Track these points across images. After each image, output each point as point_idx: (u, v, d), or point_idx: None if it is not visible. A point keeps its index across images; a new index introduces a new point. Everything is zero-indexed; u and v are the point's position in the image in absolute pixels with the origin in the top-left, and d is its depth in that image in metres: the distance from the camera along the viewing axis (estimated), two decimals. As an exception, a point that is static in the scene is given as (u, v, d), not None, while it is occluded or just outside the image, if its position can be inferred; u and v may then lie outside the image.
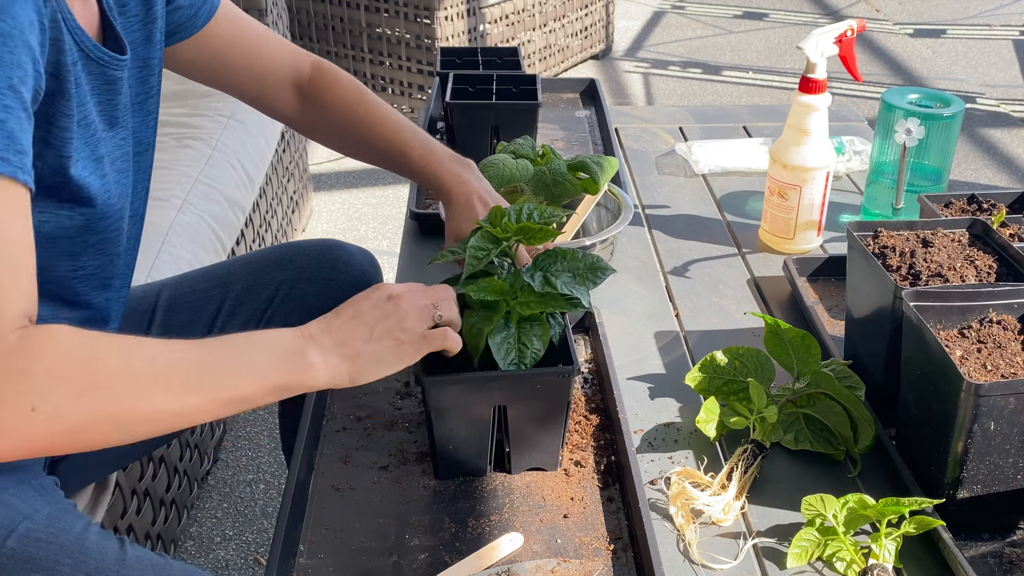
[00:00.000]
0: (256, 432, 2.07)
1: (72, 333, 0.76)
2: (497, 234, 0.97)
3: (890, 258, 1.04)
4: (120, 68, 0.93)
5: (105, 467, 1.21)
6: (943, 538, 0.87)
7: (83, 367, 0.75)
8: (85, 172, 0.88)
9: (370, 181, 3.18)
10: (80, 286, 0.98)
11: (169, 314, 1.18)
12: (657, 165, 1.70)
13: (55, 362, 0.73)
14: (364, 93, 1.22)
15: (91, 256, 0.96)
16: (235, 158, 2.07)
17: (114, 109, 0.94)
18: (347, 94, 1.21)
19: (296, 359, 0.84)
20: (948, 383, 0.85)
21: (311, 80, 1.21)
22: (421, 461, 1.00)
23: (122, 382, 0.76)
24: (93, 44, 0.88)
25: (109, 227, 0.96)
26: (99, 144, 0.92)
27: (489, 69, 1.81)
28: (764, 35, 4.61)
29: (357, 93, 1.21)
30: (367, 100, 1.21)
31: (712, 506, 0.93)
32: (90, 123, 0.89)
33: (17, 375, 0.71)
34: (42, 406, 0.72)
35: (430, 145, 1.19)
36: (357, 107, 1.20)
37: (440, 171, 1.16)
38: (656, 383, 1.14)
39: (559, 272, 0.96)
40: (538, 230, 0.96)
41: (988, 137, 3.48)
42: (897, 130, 1.35)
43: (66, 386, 0.73)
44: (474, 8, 3.34)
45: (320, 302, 1.22)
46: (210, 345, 0.83)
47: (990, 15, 4.87)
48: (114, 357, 0.77)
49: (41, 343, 0.73)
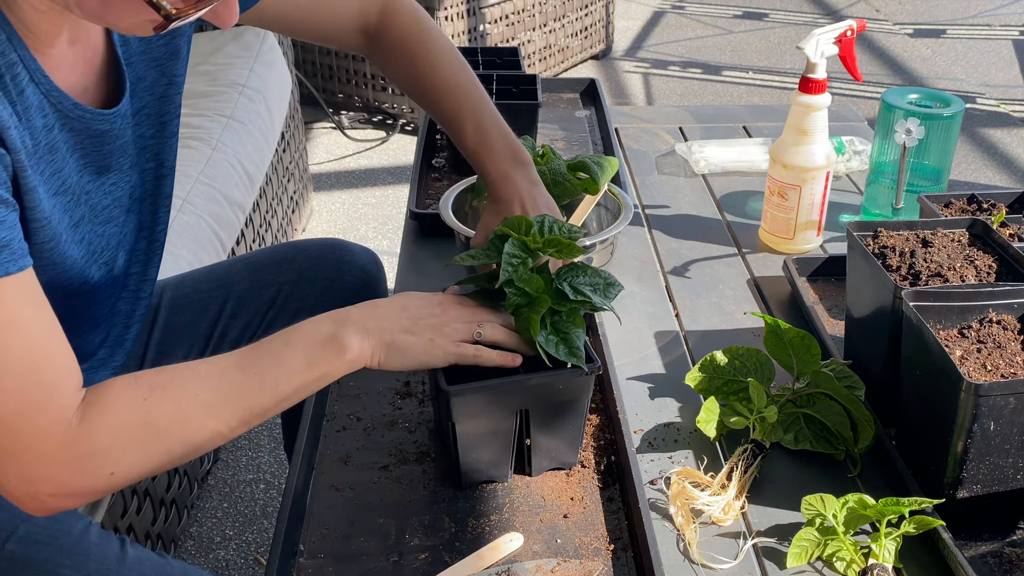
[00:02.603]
0: (256, 432, 2.07)
1: (122, 391, 0.80)
2: (529, 244, 0.98)
3: (890, 258, 1.04)
4: (106, 121, 0.89)
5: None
6: (943, 538, 0.87)
7: (142, 425, 0.80)
8: (62, 247, 0.87)
9: (370, 181, 3.18)
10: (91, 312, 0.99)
11: (171, 315, 1.18)
12: (657, 165, 1.70)
13: (117, 432, 0.79)
14: (427, 45, 1.16)
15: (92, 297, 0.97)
16: (235, 158, 2.07)
17: (105, 157, 0.92)
18: (406, 46, 1.16)
19: (331, 345, 0.87)
20: (948, 383, 0.85)
21: (377, 28, 1.17)
22: (421, 461, 1.00)
23: (179, 427, 0.81)
24: (72, 104, 0.84)
25: (95, 278, 0.95)
26: (79, 203, 0.89)
27: (489, 69, 1.81)
28: (764, 35, 4.61)
29: (417, 46, 1.16)
30: (428, 54, 1.15)
31: (712, 506, 0.93)
32: (68, 188, 0.87)
33: (90, 453, 0.78)
34: (118, 468, 0.79)
35: (485, 130, 1.14)
36: (416, 62, 1.16)
37: (487, 166, 1.13)
38: (656, 383, 1.14)
39: (583, 284, 0.97)
40: (567, 244, 0.98)
41: (988, 137, 3.48)
42: (897, 130, 1.35)
43: (133, 448, 0.80)
44: (474, 8, 3.34)
45: (323, 301, 1.22)
46: (247, 359, 0.85)
47: (990, 15, 4.87)
48: (166, 403, 0.81)
49: (101, 417, 0.78)
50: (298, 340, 0.87)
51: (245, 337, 1.21)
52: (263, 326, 1.21)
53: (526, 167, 1.14)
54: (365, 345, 0.88)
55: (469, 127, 1.14)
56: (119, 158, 0.94)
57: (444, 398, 0.89)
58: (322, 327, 0.88)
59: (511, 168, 1.12)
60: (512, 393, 0.92)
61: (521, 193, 1.12)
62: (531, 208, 1.11)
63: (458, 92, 1.14)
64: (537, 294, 0.95)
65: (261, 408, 0.84)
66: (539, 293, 0.95)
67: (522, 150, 1.15)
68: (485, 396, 0.91)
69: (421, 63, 1.16)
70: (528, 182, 1.13)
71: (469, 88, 1.15)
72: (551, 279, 0.97)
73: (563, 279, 0.97)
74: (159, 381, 0.82)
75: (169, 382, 0.82)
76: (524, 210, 1.11)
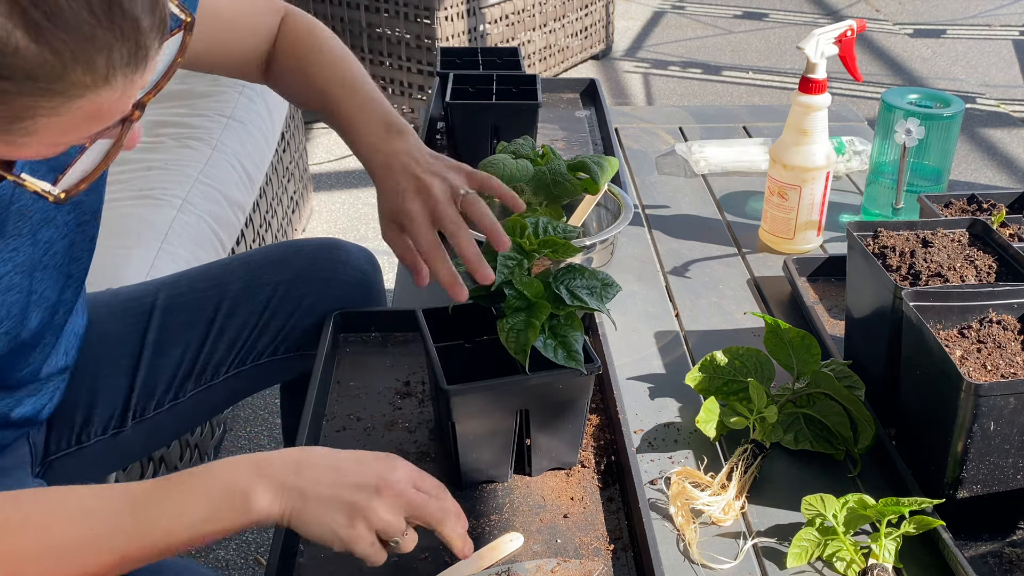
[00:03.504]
0: (256, 432, 2.07)
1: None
2: (524, 245, 0.97)
3: (890, 258, 1.04)
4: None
5: (103, 467, 1.21)
6: (943, 538, 0.87)
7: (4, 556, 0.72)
8: None
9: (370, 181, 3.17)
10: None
11: (167, 316, 1.18)
12: (657, 165, 1.70)
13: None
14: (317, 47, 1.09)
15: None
16: (235, 158, 2.07)
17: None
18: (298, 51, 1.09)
19: (236, 499, 0.76)
20: (948, 383, 0.85)
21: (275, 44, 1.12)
22: (421, 461, 1.00)
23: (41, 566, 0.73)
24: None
25: None
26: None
27: (489, 69, 1.81)
28: (764, 35, 4.61)
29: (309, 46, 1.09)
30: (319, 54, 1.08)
31: (712, 506, 0.93)
32: None
33: None
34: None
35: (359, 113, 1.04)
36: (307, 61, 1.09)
37: (356, 142, 1.04)
38: (656, 383, 1.14)
39: (579, 288, 0.96)
40: (563, 244, 0.96)
41: (988, 137, 3.47)
42: (897, 130, 1.35)
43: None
44: (474, 8, 3.34)
45: (319, 301, 1.22)
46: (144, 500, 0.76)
47: (990, 15, 4.87)
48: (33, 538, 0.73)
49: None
50: (204, 487, 0.77)
51: (242, 336, 1.21)
52: (259, 326, 1.21)
53: (404, 133, 1.03)
54: (275, 506, 0.76)
55: (345, 111, 1.05)
56: (16, 221, 0.85)
57: (444, 398, 0.89)
58: (236, 473, 0.77)
59: (380, 139, 1.03)
60: (512, 393, 0.92)
61: (400, 152, 1.00)
62: (420, 172, 0.99)
63: (342, 80, 1.07)
64: (536, 299, 0.94)
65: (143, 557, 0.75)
66: (539, 298, 0.94)
67: (398, 119, 1.04)
68: (485, 396, 0.91)
69: (312, 67, 1.09)
70: (407, 146, 1.02)
71: (353, 78, 1.08)
72: (550, 284, 0.96)
73: (560, 282, 0.96)
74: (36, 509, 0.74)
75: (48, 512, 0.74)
76: (407, 169, 0.99)
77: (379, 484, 0.79)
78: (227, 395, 1.25)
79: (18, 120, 0.59)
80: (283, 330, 1.22)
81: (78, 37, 0.57)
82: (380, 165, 1.02)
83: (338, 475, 0.79)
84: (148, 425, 1.17)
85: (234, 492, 0.76)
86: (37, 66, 0.57)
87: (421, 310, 1.00)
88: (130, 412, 1.15)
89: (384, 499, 0.78)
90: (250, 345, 1.21)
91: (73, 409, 1.12)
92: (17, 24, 0.55)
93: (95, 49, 0.58)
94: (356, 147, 1.06)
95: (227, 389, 1.23)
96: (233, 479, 0.77)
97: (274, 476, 0.77)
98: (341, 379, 1.12)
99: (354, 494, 0.78)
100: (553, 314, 0.94)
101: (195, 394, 1.20)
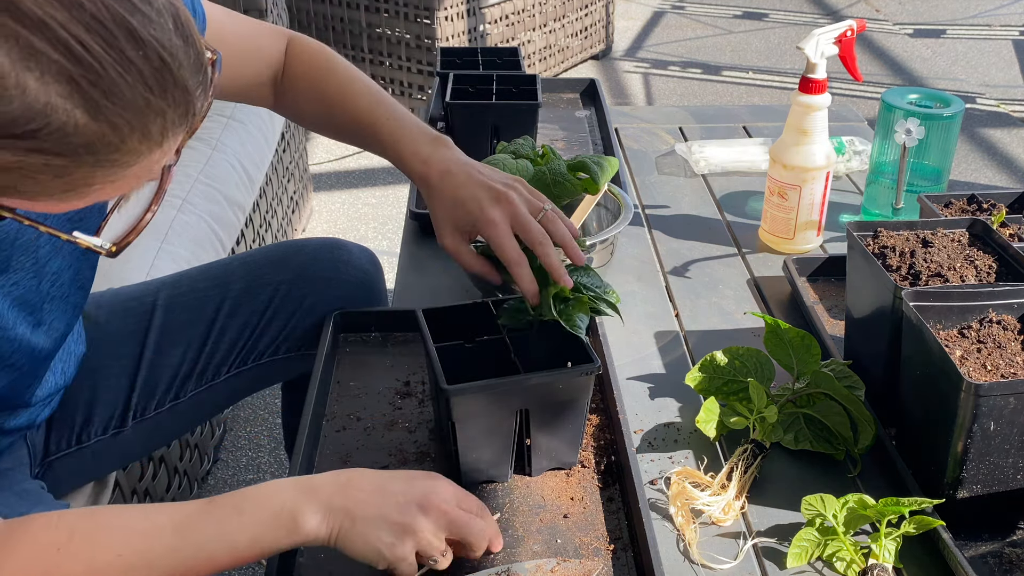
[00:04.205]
0: (256, 432, 2.07)
1: (39, 534, 0.73)
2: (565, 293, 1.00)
3: (890, 258, 1.04)
4: None
5: (103, 467, 1.21)
6: (943, 538, 0.87)
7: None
8: None
9: (370, 181, 3.18)
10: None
11: (168, 315, 1.18)
12: (657, 165, 1.70)
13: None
14: (334, 71, 1.11)
15: None
16: (235, 158, 2.07)
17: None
18: (312, 74, 1.11)
19: (284, 520, 0.78)
20: (948, 383, 0.85)
21: (284, 71, 1.14)
22: (421, 461, 1.00)
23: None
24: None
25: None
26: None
27: (489, 69, 1.81)
28: (764, 35, 4.61)
29: (325, 69, 1.11)
30: (337, 78, 1.10)
31: (712, 506, 0.93)
32: None
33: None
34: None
35: (399, 119, 1.06)
36: (326, 87, 1.11)
37: (404, 154, 1.05)
38: (656, 383, 1.14)
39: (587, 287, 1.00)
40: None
41: (988, 137, 3.48)
42: (897, 130, 1.35)
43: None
44: (474, 8, 3.34)
45: (320, 301, 1.22)
46: (189, 522, 0.76)
47: (990, 15, 4.87)
48: (79, 559, 0.73)
49: (6, 559, 0.71)
50: (252, 509, 0.77)
51: (243, 336, 1.21)
52: (260, 325, 1.21)
53: (451, 147, 1.06)
54: (323, 527, 0.78)
55: (385, 127, 1.07)
56: (19, 257, 0.86)
57: (444, 398, 0.89)
58: (283, 496, 0.79)
59: (434, 149, 1.05)
60: (512, 393, 0.92)
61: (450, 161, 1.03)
62: (487, 180, 1.01)
63: (370, 99, 1.09)
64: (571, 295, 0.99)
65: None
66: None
67: (441, 135, 1.07)
68: (485, 396, 0.91)
69: (332, 88, 1.11)
70: (458, 155, 1.05)
71: (380, 96, 1.11)
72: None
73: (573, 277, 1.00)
74: (82, 529, 0.74)
75: (93, 532, 0.75)
76: (468, 176, 1.02)
77: (424, 503, 0.81)
78: (228, 395, 1.25)
79: (72, 190, 0.60)
80: (284, 330, 1.22)
81: (134, 110, 0.58)
82: (439, 173, 1.03)
83: (384, 495, 0.80)
84: (149, 425, 1.18)
85: (282, 514, 0.78)
86: (96, 140, 0.58)
87: (421, 310, 1.00)
88: (131, 412, 1.16)
89: (429, 518, 0.80)
90: (251, 345, 1.21)
91: (73, 409, 1.12)
92: (77, 104, 0.56)
93: (150, 119, 0.60)
94: (405, 160, 1.06)
95: (228, 389, 1.23)
96: (281, 502, 0.78)
97: (322, 497, 0.79)
98: (341, 379, 1.12)
99: (401, 514, 0.80)
100: (564, 298, 0.97)
101: (196, 394, 1.20)
